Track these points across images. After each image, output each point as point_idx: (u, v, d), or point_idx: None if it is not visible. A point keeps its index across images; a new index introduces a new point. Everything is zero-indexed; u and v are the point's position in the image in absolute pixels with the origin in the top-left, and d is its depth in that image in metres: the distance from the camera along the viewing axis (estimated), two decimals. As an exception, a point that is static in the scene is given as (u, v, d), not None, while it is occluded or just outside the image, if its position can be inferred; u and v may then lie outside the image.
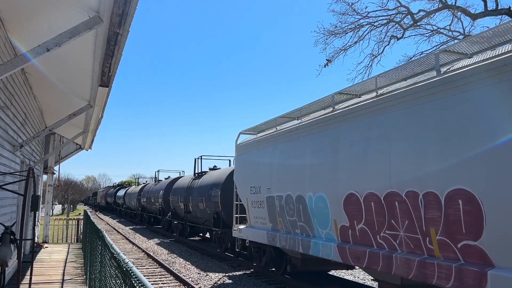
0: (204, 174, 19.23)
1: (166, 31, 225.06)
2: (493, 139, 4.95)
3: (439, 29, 18.20)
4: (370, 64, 19.33)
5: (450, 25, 17.91)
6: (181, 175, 28.40)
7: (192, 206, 18.70)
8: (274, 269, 11.72)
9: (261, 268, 12.07)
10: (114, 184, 63.26)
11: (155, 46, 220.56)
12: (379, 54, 19.11)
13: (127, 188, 46.41)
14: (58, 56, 6.21)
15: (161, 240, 22.24)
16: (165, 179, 29.52)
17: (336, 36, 19.30)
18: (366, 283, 10.92)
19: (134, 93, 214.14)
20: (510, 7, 15.48)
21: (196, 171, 20.61)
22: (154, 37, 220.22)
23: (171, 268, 12.82)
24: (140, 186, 37.16)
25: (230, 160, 21.40)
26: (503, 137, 4.84)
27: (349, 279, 11.54)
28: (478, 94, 5.22)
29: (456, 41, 18.02)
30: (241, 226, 12.26)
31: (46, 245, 16.67)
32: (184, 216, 20.66)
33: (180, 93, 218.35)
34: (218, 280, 11.57)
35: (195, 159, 20.82)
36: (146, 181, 41.28)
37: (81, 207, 79.16)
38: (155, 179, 32.96)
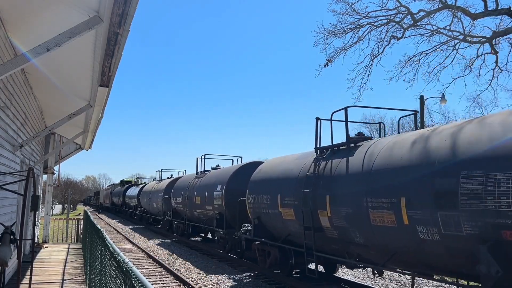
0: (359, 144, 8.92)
1: (169, 34, 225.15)
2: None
3: (439, 29, 18.19)
4: (370, 64, 19.32)
5: (450, 25, 17.91)
6: (242, 162, 17.59)
7: (337, 217, 8.38)
8: None
9: None
10: (121, 181, 51.99)
11: (159, 49, 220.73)
12: (379, 54, 19.09)
13: (142, 185, 36.43)
14: (58, 56, 6.21)
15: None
16: (214, 168, 19.39)
17: (336, 36, 19.28)
18: (365, 283, 10.92)
19: (135, 94, 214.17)
20: (510, 7, 15.49)
21: (333, 142, 9.60)
22: (158, 40, 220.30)
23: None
24: (166, 182, 26.39)
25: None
26: None
27: (350, 279, 11.53)
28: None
29: (456, 41, 18.05)
30: None
31: (46, 245, 16.67)
32: (298, 235, 10.06)
33: (181, 96, 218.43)
34: None
35: (335, 114, 9.55)
36: (171, 175, 30.32)
37: (81, 207, 79.12)
38: (196, 170, 20.20)
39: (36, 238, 15.50)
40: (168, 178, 28.89)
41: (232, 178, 15.34)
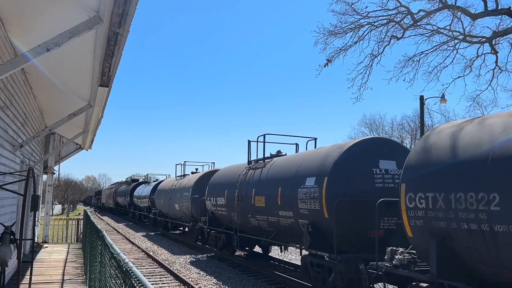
0: None
1: (169, 33, 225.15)
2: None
3: (439, 29, 18.20)
4: (370, 64, 19.30)
5: (450, 25, 17.91)
6: (316, 145, 12.84)
7: None
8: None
9: None
10: (128, 179, 45.05)
11: (159, 48, 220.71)
12: (379, 54, 19.08)
13: (156, 183, 29.85)
14: (58, 56, 6.20)
15: None
16: (274, 155, 13.22)
17: (336, 36, 19.27)
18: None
19: (135, 95, 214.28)
20: (510, 7, 15.49)
21: None
22: (158, 38, 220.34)
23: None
24: (194, 176, 19.95)
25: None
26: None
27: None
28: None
29: (456, 41, 18.05)
30: None
31: (46, 245, 16.67)
32: None
33: (181, 95, 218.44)
34: None
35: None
36: (196, 170, 22.93)
37: (81, 207, 79.10)
38: (249, 158, 14.08)
39: (36, 238, 15.50)
40: (192, 173, 22.40)
41: (339, 166, 9.14)
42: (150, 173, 41.20)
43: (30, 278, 7.86)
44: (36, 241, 15.77)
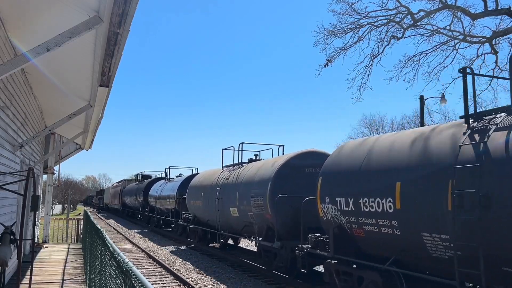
0: None
1: (169, 31, 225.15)
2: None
3: (439, 29, 18.22)
4: (370, 64, 19.34)
5: (450, 25, 17.94)
6: None
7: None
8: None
9: None
10: (138, 176, 37.33)
11: (159, 48, 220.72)
12: (379, 54, 19.12)
13: (185, 178, 22.76)
14: (58, 56, 6.21)
15: None
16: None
17: (336, 36, 19.29)
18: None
19: (135, 95, 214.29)
20: (510, 7, 15.49)
21: None
22: (158, 38, 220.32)
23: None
24: (271, 163, 12.26)
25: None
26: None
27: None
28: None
29: (456, 41, 18.06)
30: None
31: (46, 245, 16.67)
32: None
33: (182, 95, 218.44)
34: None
35: None
36: (255, 156, 15.43)
37: (81, 207, 79.09)
38: (472, 110, 6.26)
39: (36, 238, 15.50)
40: (250, 160, 15.26)
41: None
42: (172, 166, 32.05)
43: (30, 278, 7.86)
44: (36, 241, 15.76)
